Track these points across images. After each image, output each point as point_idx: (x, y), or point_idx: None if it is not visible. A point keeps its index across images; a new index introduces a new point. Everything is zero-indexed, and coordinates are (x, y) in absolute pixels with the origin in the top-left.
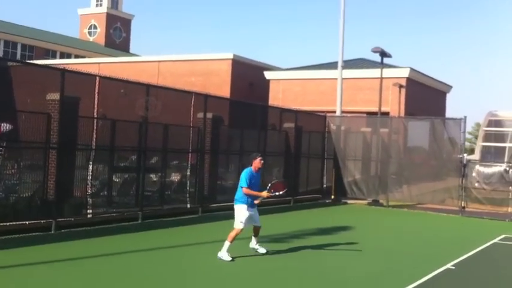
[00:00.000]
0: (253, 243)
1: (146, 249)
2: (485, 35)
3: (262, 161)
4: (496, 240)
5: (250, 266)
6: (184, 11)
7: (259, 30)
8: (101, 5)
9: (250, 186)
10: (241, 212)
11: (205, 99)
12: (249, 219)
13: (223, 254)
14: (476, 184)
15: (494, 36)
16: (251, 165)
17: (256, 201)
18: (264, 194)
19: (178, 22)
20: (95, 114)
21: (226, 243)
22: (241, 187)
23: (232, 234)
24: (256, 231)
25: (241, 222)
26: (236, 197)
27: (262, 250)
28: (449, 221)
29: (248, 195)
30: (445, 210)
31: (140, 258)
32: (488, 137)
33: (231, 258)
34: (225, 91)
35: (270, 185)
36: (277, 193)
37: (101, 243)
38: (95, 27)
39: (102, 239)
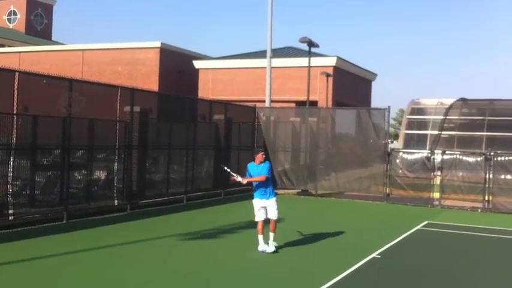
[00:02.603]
0: (270, 240)
1: (71, 252)
2: (410, 23)
3: (264, 155)
4: (419, 226)
5: (178, 266)
6: None
7: (187, 18)
8: None
9: (251, 176)
10: (254, 206)
11: (131, 94)
12: (262, 211)
13: (262, 247)
14: (400, 171)
15: (419, 25)
16: (253, 159)
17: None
18: (251, 179)
19: (103, 9)
20: (15, 110)
21: (258, 236)
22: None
23: (275, 225)
24: (271, 225)
25: (255, 215)
26: (271, 191)
27: (270, 249)
28: (374, 209)
29: (249, 182)
30: (371, 198)
31: (65, 261)
32: (411, 124)
33: (274, 249)
34: (153, 80)
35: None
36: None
37: (24, 246)
38: (15, 13)
39: (25, 242)
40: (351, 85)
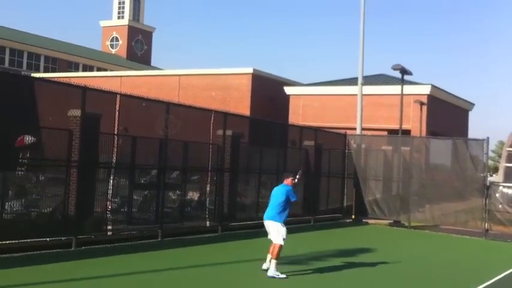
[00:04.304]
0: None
1: (166, 269)
2: (508, 52)
3: (293, 180)
4: None
5: None
6: (205, 24)
7: (280, 45)
8: (122, 17)
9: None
10: (281, 229)
11: (224, 118)
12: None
13: (275, 273)
14: (500, 206)
15: None
16: (286, 182)
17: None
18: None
19: (199, 36)
20: (116, 131)
21: (274, 262)
22: (295, 200)
23: (276, 251)
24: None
25: (284, 238)
26: (274, 214)
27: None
28: (472, 244)
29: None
30: (468, 233)
31: (160, 278)
32: (511, 157)
33: (284, 276)
34: (245, 105)
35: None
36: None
37: (121, 261)
38: (117, 39)
39: (122, 257)
40: (446, 114)
